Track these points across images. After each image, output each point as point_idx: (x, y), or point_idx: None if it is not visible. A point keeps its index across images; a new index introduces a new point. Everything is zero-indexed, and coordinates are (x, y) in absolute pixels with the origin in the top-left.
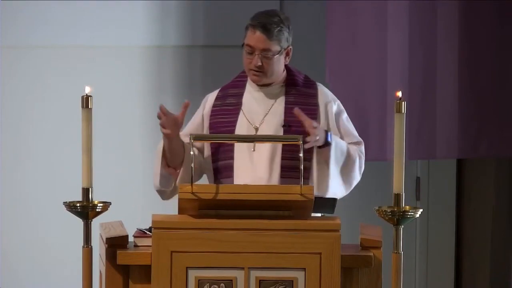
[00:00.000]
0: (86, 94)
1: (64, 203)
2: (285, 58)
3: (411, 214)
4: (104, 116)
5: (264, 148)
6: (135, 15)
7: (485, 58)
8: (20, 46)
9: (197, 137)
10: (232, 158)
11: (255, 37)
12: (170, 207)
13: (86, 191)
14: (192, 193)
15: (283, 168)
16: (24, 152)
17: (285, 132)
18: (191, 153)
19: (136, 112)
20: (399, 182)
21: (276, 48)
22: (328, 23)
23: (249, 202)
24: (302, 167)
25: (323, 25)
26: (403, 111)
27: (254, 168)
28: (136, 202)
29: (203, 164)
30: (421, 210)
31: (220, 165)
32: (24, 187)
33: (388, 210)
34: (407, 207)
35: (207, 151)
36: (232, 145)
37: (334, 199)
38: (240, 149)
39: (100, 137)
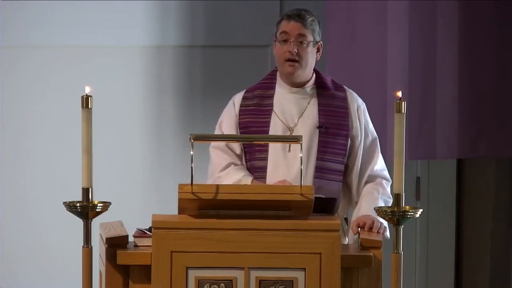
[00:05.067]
0: (86, 94)
1: (64, 203)
2: (316, 53)
3: (411, 214)
4: (104, 116)
5: (299, 149)
6: (135, 15)
7: (485, 58)
8: (20, 46)
9: (197, 137)
10: (266, 158)
11: (290, 25)
12: (170, 207)
13: (86, 191)
14: (192, 193)
15: (318, 169)
16: (24, 152)
17: (320, 133)
18: (191, 153)
19: (136, 112)
20: (399, 182)
21: (310, 37)
22: (328, 23)
23: (249, 202)
24: (302, 167)
25: (323, 25)
26: (403, 111)
27: (288, 169)
28: (136, 202)
29: None
30: (421, 210)
31: (253, 164)
32: (24, 187)
33: (388, 210)
34: (407, 207)
35: (240, 151)
36: (267, 145)
37: (334, 199)
38: (274, 149)
39: (100, 137)
